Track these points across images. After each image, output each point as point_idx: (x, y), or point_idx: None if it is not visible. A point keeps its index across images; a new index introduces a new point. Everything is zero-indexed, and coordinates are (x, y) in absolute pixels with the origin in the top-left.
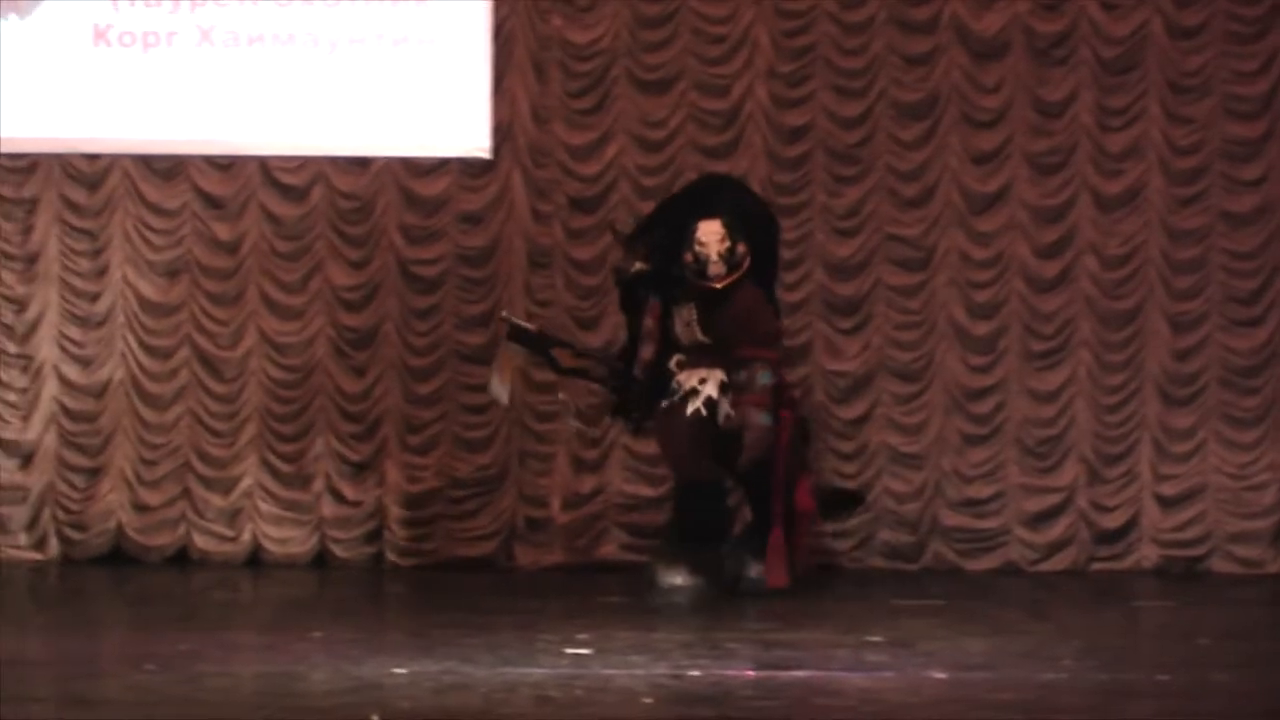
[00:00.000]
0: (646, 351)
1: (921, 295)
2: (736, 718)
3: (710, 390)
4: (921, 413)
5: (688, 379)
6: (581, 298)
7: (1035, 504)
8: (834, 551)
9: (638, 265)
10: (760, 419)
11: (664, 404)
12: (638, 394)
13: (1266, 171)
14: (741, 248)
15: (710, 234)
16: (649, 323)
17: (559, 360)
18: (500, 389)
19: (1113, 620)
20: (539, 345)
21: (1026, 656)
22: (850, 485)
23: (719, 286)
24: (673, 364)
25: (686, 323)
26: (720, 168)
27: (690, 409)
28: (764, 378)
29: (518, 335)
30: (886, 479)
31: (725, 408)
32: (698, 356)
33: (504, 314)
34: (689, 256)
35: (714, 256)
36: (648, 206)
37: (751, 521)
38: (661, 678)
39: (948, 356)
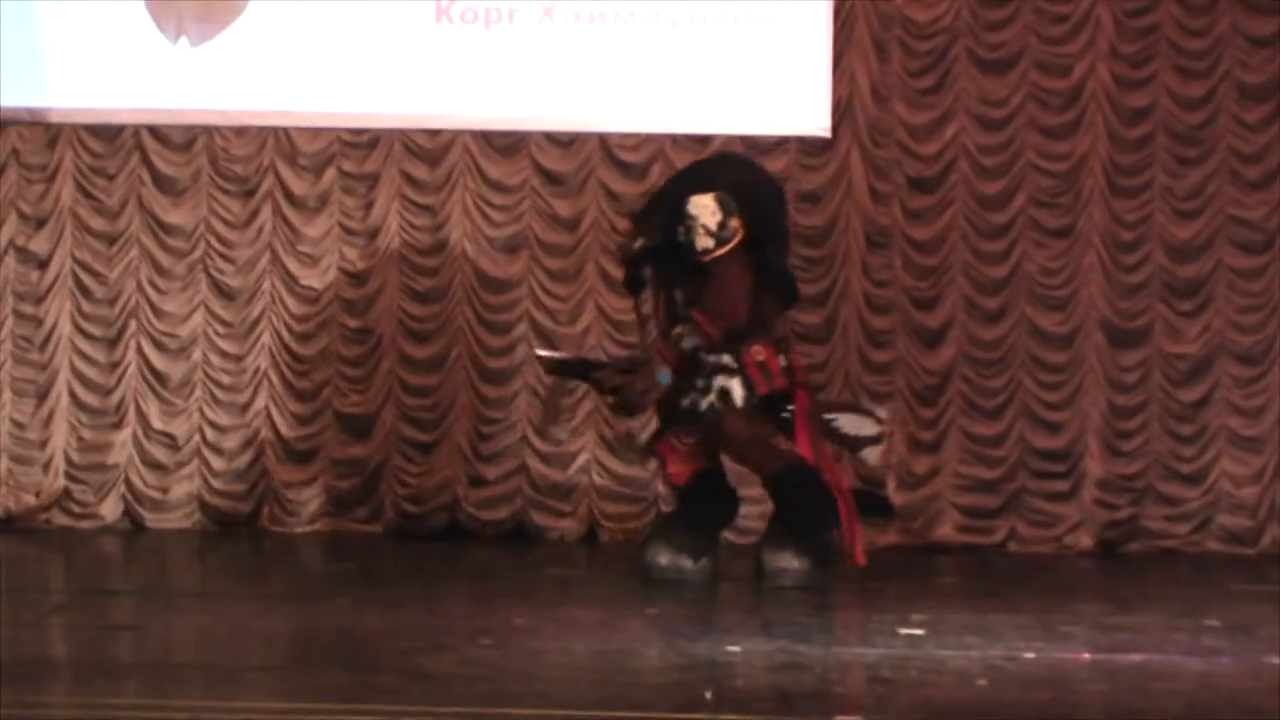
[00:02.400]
0: (650, 334)
1: (1264, 278)
2: (1072, 701)
3: (735, 388)
4: (1261, 396)
5: (712, 375)
6: (920, 278)
7: None
8: (1171, 535)
9: (640, 242)
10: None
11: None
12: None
13: None
14: (734, 222)
15: (700, 207)
16: (647, 303)
17: (603, 381)
18: (556, 428)
19: None
20: (580, 372)
21: None
22: (894, 496)
23: (705, 260)
24: (675, 333)
25: (681, 303)
26: (1061, 149)
27: (705, 404)
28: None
29: (558, 368)
30: (1225, 462)
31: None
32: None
33: (538, 352)
34: (680, 230)
35: (700, 230)
36: (988, 186)
37: (779, 510)
38: (997, 660)
39: None
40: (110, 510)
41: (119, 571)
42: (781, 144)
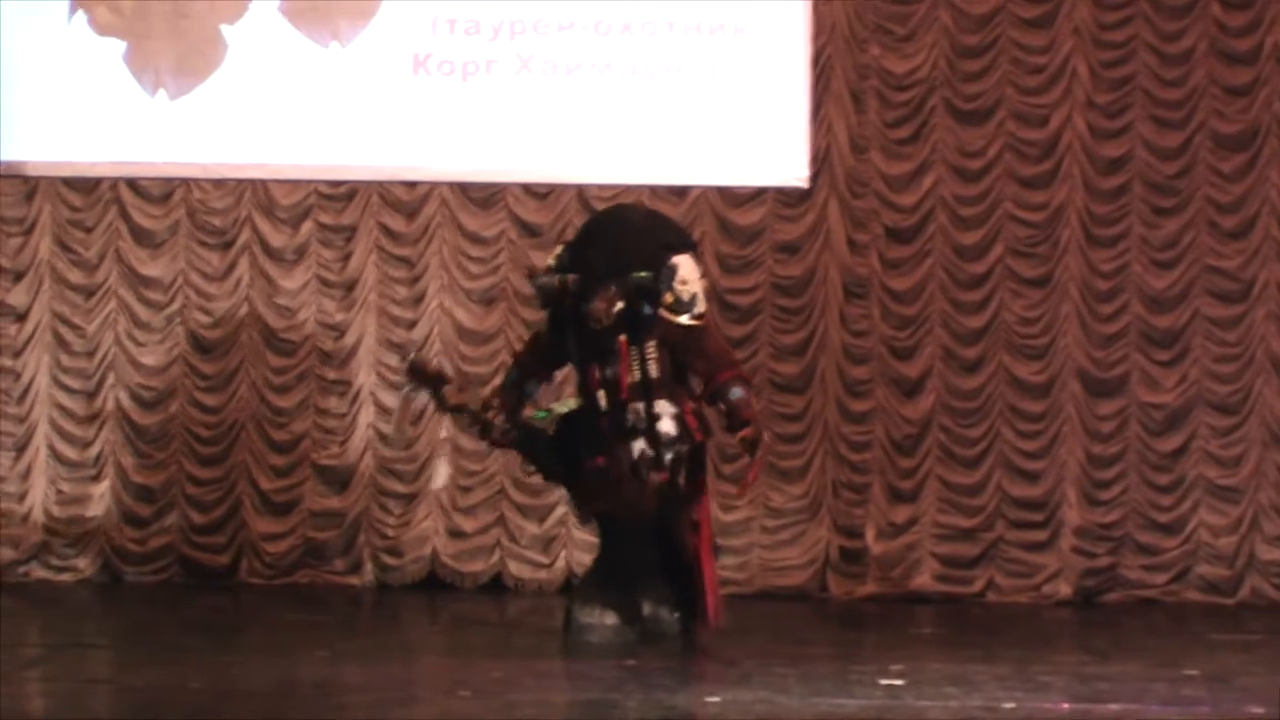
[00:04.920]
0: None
1: (1240, 327)
2: None
3: (670, 427)
4: (1239, 446)
5: (661, 410)
6: (898, 327)
7: None
8: (1149, 585)
9: (618, 305)
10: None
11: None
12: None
13: None
14: (706, 283)
15: (692, 271)
16: (597, 371)
17: (445, 397)
18: (400, 435)
19: None
20: (432, 382)
21: None
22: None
23: (701, 324)
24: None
25: (642, 360)
26: (1038, 199)
27: (664, 434)
28: (737, 391)
29: (415, 371)
30: (1203, 512)
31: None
32: (647, 391)
33: (410, 354)
34: (669, 296)
35: (700, 295)
36: (965, 236)
37: (664, 561)
38: (976, 711)
39: (1265, 390)
40: (88, 563)
41: (97, 625)
42: (759, 194)
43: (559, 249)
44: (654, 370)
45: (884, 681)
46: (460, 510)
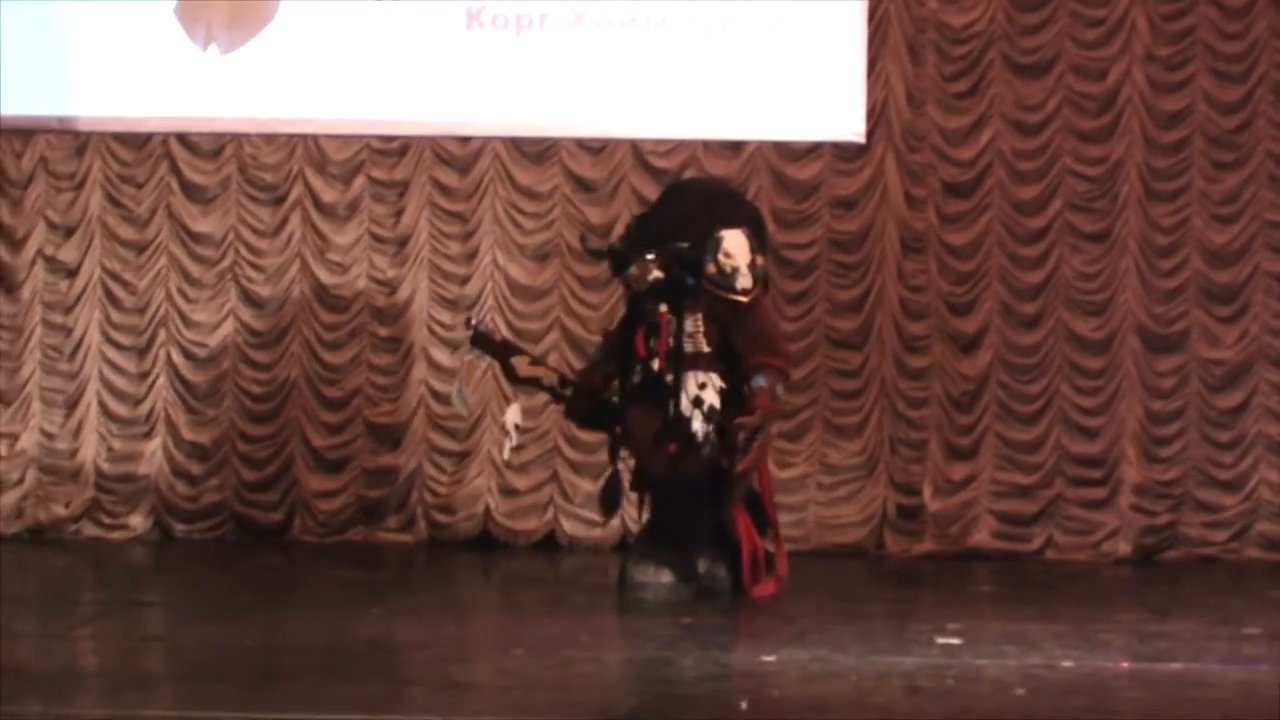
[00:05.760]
0: (609, 367)
1: None
2: (1110, 710)
3: (711, 398)
4: None
5: (690, 381)
6: (956, 283)
7: None
8: (1209, 542)
9: (654, 274)
10: (771, 427)
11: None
12: (591, 400)
13: None
14: (760, 259)
15: (739, 246)
16: (641, 337)
17: (516, 368)
18: (463, 399)
19: None
20: (500, 352)
21: None
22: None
23: (746, 301)
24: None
25: (690, 333)
26: (1097, 153)
27: (685, 406)
28: (779, 390)
29: (481, 341)
30: (1264, 469)
31: (704, 420)
32: (695, 363)
33: (472, 320)
34: (712, 268)
35: (744, 269)
36: (1024, 191)
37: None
38: (1034, 669)
39: None
40: (140, 521)
41: (149, 582)
42: (815, 149)
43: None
44: (691, 344)
45: (941, 640)
46: (513, 468)
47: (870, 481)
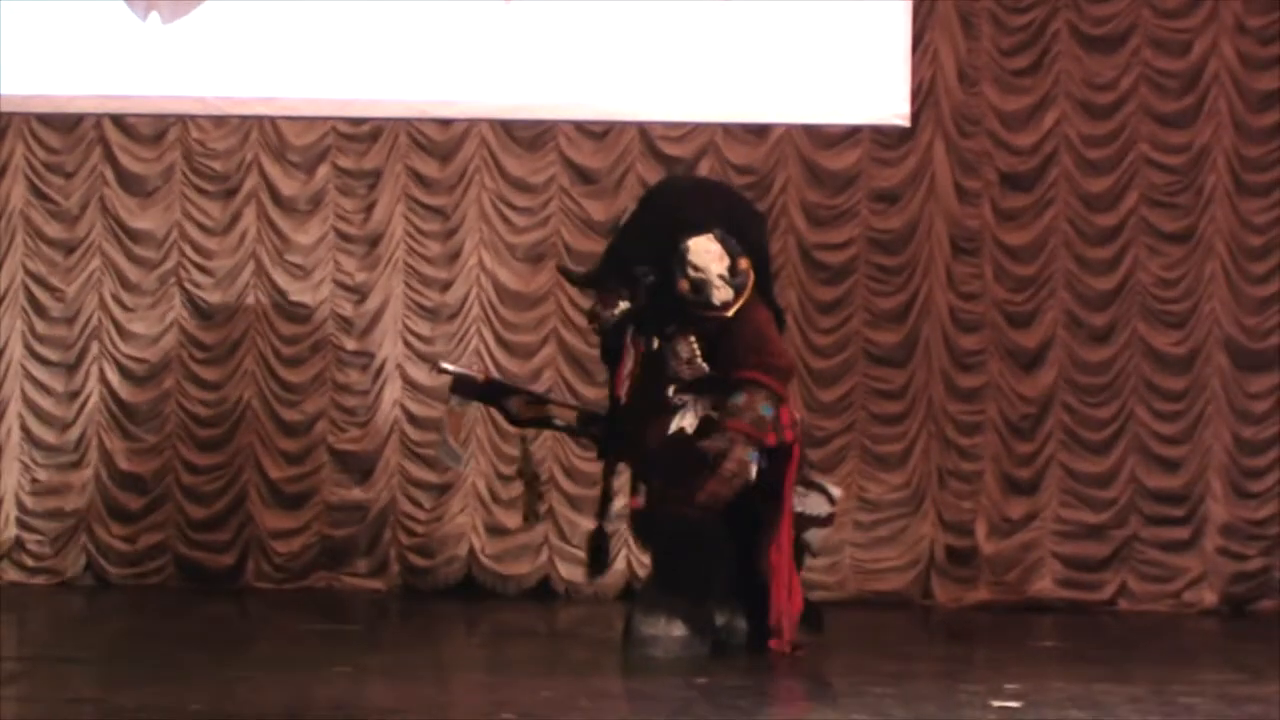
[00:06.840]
0: (622, 393)
1: None
2: None
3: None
4: None
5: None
6: (1014, 290)
7: None
8: None
9: (621, 305)
10: (745, 454)
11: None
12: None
13: None
14: (743, 263)
15: (706, 254)
16: (628, 366)
17: (516, 411)
18: (449, 452)
19: None
20: (489, 396)
21: None
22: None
23: (729, 315)
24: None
25: (687, 359)
26: (1178, 139)
27: (673, 426)
28: (765, 409)
29: (461, 387)
30: None
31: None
32: (701, 388)
33: (442, 365)
34: (684, 284)
35: (715, 280)
36: (1093, 183)
37: (739, 569)
38: None
39: None
40: (70, 564)
41: (79, 636)
42: (853, 134)
43: None
44: (690, 370)
45: (997, 703)
46: (501, 503)
47: (916, 520)
